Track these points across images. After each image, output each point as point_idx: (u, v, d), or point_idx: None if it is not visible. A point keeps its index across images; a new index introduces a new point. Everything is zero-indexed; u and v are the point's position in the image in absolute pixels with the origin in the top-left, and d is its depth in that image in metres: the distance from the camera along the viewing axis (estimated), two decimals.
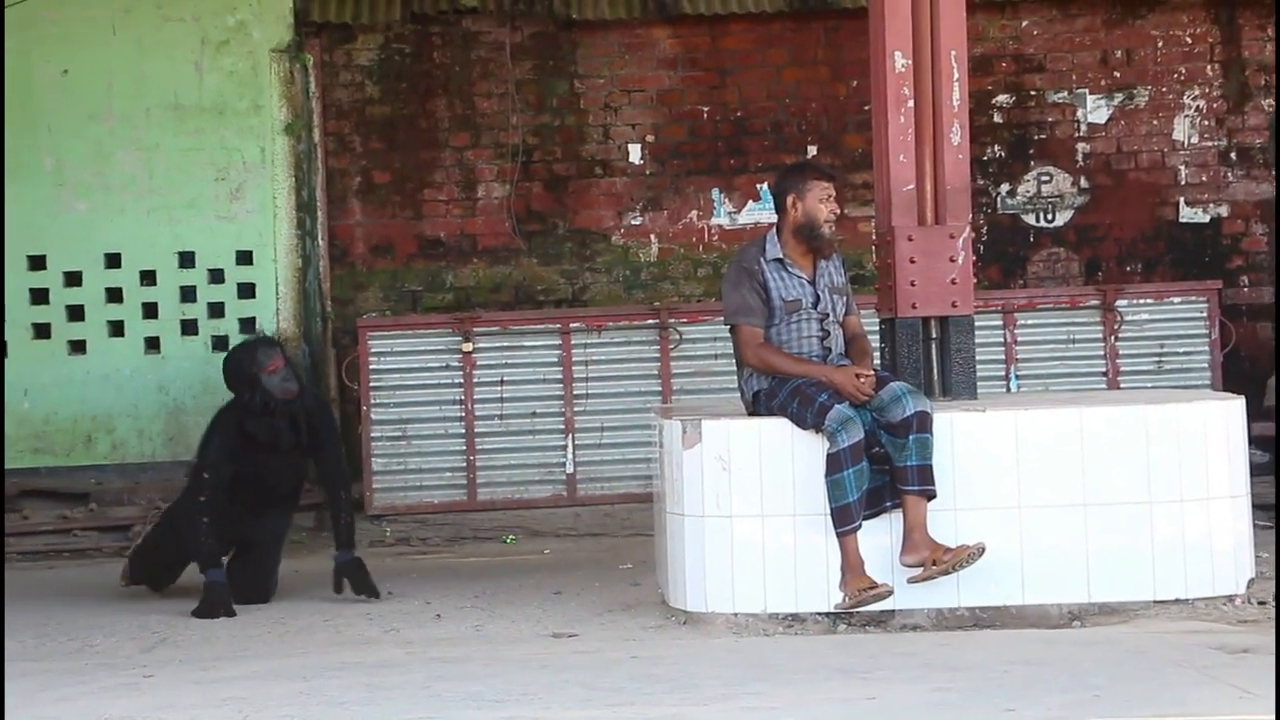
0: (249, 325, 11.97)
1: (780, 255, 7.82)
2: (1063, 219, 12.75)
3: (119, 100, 12.11)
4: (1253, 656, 6.66)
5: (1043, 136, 12.75)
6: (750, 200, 12.65)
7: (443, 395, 11.79)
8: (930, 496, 7.46)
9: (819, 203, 7.81)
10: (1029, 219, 12.76)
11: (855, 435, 7.42)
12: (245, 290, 12.09)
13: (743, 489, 7.64)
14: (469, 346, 11.76)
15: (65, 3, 11.92)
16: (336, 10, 12.40)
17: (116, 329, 12.15)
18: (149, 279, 12.15)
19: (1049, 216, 12.74)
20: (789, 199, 7.85)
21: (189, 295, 12.18)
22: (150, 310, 12.15)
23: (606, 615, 8.19)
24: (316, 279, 12.34)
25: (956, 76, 8.15)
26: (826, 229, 7.81)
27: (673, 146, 12.68)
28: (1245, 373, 12.11)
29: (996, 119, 12.73)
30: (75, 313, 12.14)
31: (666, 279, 12.67)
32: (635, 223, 12.67)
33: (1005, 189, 12.76)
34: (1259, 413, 11.27)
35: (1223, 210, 12.75)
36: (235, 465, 8.94)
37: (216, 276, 12.17)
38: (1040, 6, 12.71)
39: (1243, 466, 7.84)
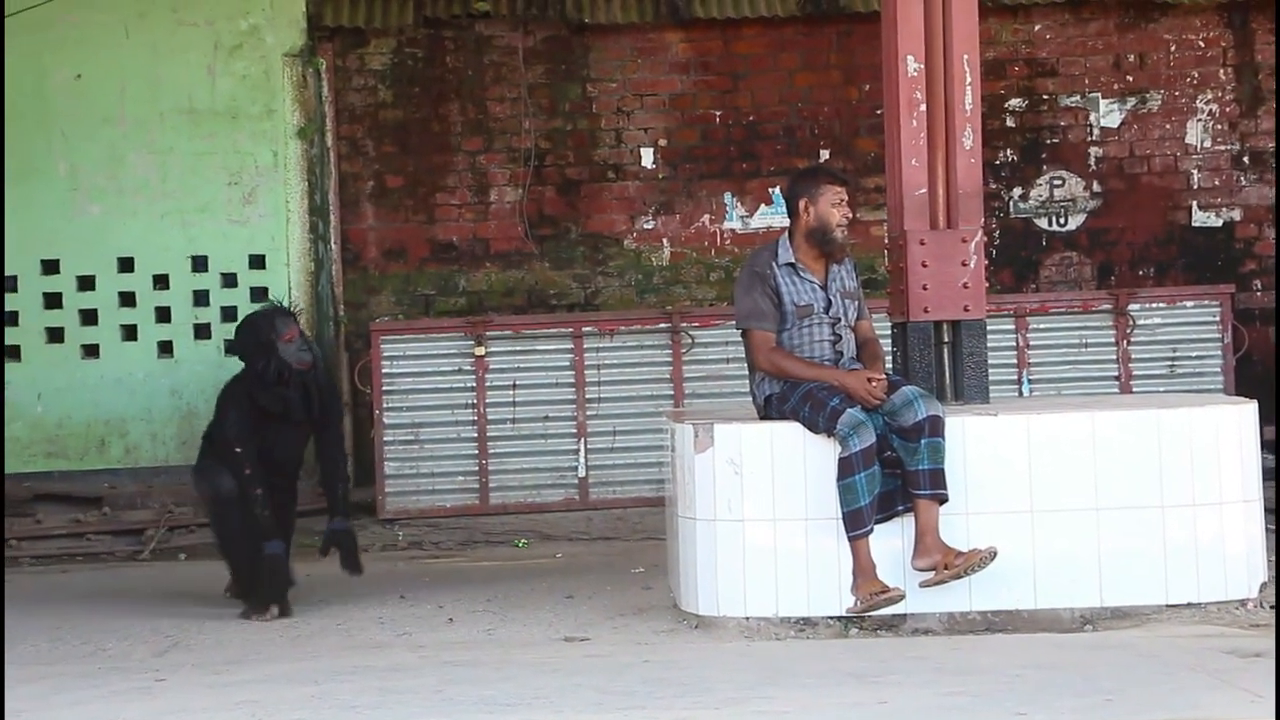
0: None
1: (792, 259, 7.83)
2: (1075, 223, 12.75)
3: (132, 104, 12.14)
4: (1265, 660, 6.65)
5: (1055, 140, 12.75)
6: (762, 204, 12.65)
7: (455, 399, 11.80)
8: (942, 501, 7.46)
9: (831, 207, 7.81)
10: (1041, 223, 12.76)
11: (867, 439, 7.42)
12: (258, 294, 12.07)
13: (754, 493, 7.64)
14: (481, 350, 11.77)
15: (79, 6, 11.95)
16: (349, 14, 12.42)
17: (129, 333, 12.18)
18: (162, 283, 12.18)
19: (1061, 220, 12.74)
20: (801, 203, 7.85)
21: (202, 299, 12.21)
22: (163, 314, 12.18)
23: (618, 619, 8.19)
24: (329, 283, 12.36)
25: (969, 80, 8.14)
26: (839, 233, 7.81)
27: (685, 150, 12.69)
28: (1258, 377, 12.09)
29: (1009, 123, 12.73)
30: (88, 317, 12.16)
31: (679, 283, 12.68)
32: (647, 227, 12.68)
33: (1018, 193, 12.76)
34: (1272, 417, 11.25)
35: (1235, 214, 12.74)
36: (257, 436, 8.82)
37: (229, 280, 12.19)
38: (1052, 10, 12.71)
39: (1255, 471, 7.83)
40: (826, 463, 7.53)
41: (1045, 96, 12.75)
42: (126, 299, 12.17)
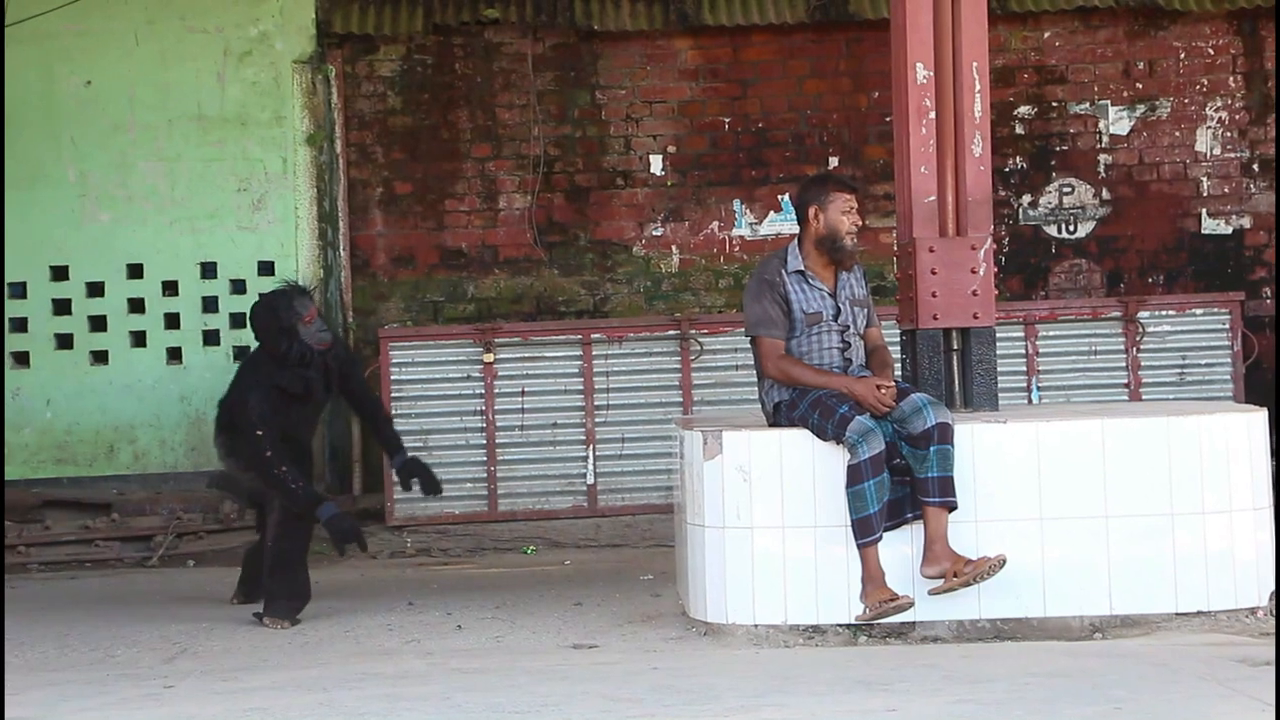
0: None
1: (802, 267, 7.82)
2: (1084, 230, 12.74)
3: (141, 111, 12.16)
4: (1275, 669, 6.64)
5: (1064, 148, 12.75)
6: (771, 211, 12.66)
7: (464, 406, 11.81)
8: (951, 508, 7.45)
9: (841, 214, 7.80)
10: (1050, 230, 12.75)
11: (876, 447, 7.41)
12: None
13: (763, 500, 7.63)
14: (490, 357, 11.78)
15: (88, 14, 11.96)
16: (359, 21, 12.44)
17: (139, 339, 12.20)
18: (171, 289, 12.20)
19: (1070, 228, 12.73)
20: (811, 210, 7.84)
21: (211, 306, 12.23)
22: (172, 321, 12.20)
23: (627, 626, 8.19)
24: (338, 289, 12.37)
25: (978, 88, 8.14)
26: (848, 241, 7.80)
27: (694, 157, 12.70)
28: (1268, 384, 12.07)
29: (1018, 130, 12.73)
30: (98, 323, 12.18)
31: (687, 290, 12.68)
32: (656, 234, 12.68)
33: (1027, 200, 12.75)
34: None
35: (1245, 222, 12.73)
36: (279, 417, 8.71)
37: (238, 287, 12.20)
38: (1062, 18, 12.71)
39: (1265, 478, 7.82)
40: (835, 470, 7.52)
41: (1055, 104, 12.75)
42: (136, 305, 12.19)
